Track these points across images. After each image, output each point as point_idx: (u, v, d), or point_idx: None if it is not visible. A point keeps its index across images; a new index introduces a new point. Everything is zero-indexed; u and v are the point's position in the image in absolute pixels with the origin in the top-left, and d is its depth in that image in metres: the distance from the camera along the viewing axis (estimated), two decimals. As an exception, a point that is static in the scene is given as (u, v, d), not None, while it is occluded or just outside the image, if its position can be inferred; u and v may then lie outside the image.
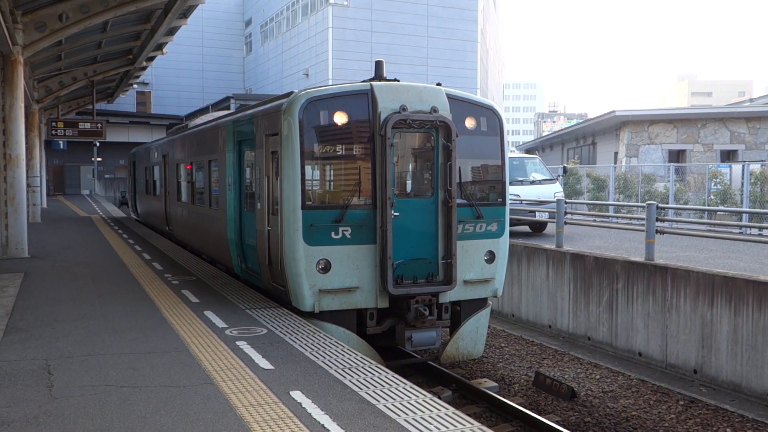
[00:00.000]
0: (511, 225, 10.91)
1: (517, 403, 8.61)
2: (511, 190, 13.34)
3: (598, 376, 10.17)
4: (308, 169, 8.46)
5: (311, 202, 8.42)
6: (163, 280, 11.08)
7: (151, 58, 26.49)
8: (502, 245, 9.41)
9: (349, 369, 6.18)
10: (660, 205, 11.41)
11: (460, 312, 9.33)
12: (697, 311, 9.87)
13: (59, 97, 28.12)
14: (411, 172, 9.32)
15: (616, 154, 29.03)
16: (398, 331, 8.89)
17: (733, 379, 9.34)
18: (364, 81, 8.87)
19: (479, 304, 9.47)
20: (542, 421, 7.86)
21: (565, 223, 13.52)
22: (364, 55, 41.50)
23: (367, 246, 8.50)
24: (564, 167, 20.18)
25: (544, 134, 66.01)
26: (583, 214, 16.21)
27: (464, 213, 8.96)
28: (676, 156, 27.87)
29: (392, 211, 8.42)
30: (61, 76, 25.54)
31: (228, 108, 38.83)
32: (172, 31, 21.91)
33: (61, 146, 45.81)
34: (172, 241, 17.26)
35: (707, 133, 27.56)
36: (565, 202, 13.85)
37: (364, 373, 6.06)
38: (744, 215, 16.93)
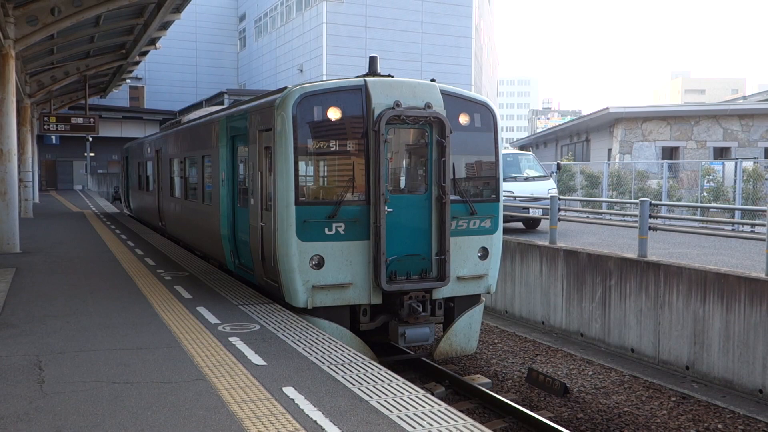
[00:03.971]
0: (504, 221, 10.91)
1: (509, 399, 8.62)
2: (505, 187, 13.34)
3: (590, 372, 10.19)
4: (302, 164, 8.44)
5: (304, 198, 8.40)
6: (155, 275, 11.04)
7: (145, 53, 26.36)
8: (495, 241, 9.41)
9: (342, 365, 6.17)
10: (653, 202, 11.43)
11: (453, 308, 9.33)
12: (690, 308, 9.90)
13: (51, 91, 27.95)
14: (405, 168, 9.31)
15: (609, 150, 29.07)
16: (391, 327, 8.88)
17: (724, 375, 9.38)
18: (358, 77, 8.85)
19: (472, 300, 9.47)
20: (535, 417, 7.87)
21: (559, 219, 13.54)
22: (358, 51, 41.38)
23: (361, 242, 8.49)
24: (558, 164, 20.17)
25: (538, 131, 66.11)
26: (577, 211, 16.23)
27: (458, 209, 8.95)
28: (670, 153, 27.93)
29: (386, 207, 8.40)
30: (54, 71, 25.39)
31: (222, 103, 38.71)
32: (165, 26, 21.81)
33: (54, 141, 45.61)
34: (165, 236, 17.20)
35: (700, 130, 27.62)
36: (559, 199, 13.86)
37: (357, 369, 6.05)
38: (736, 212, 16.99)
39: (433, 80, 9.16)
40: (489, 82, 67.11)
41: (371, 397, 5.31)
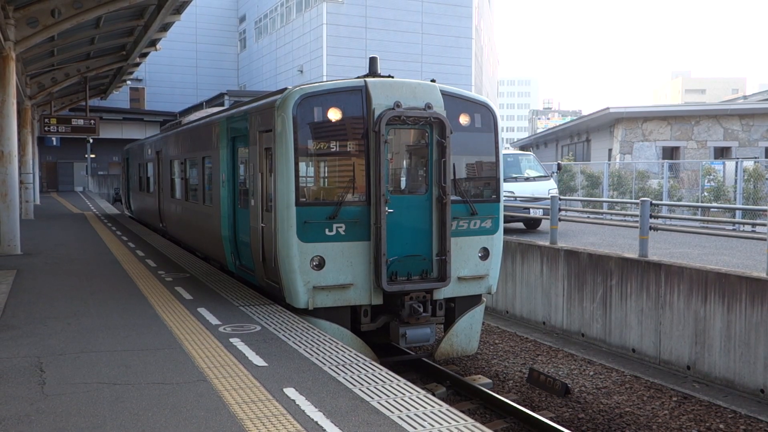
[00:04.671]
0: (505, 222, 10.91)
1: (511, 400, 8.62)
2: (506, 187, 13.35)
3: (591, 373, 10.19)
4: (302, 165, 8.44)
5: (305, 199, 8.40)
6: (156, 277, 11.04)
7: (145, 54, 26.37)
8: (496, 242, 9.41)
9: (343, 366, 6.17)
10: (654, 201, 11.43)
11: (454, 308, 9.32)
12: (691, 308, 9.89)
13: (52, 93, 27.98)
14: (405, 169, 9.31)
15: (610, 150, 29.07)
16: (392, 328, 8.88)
17: (726, 375, 9.38)
18: (358, 77, 8.85)
19: (473, 300, 9.47)
20: (536, 418, 7.86)
21: (560, 219, 13.53)
22: (358, 52, 41.41)
23: (361, 243, 8.49)
24: (558, 164, 20.14)
25: (538, 131, 66.09)
26: (578, 211, 16.23)
27: (458, 210, 8.95)
28: (670, 153, 27.93)
29: (386, 208, 8.40)
30: (54, 72, 25.41)
31: (222, 104, 38.71)
32: (165, 27, 21.81)
33: (54, 143, 45.61)
34: (166, 238, 17.20)
35: (701, 130, 27.62)
36: (560, 199, 13.85)
37: (357, 370, 6.05)
38: (737, 212, 16.98)
39: (433, 81, 9.15)
40: (489, 83, 67.12)
41: (372, 398, 5.31)
